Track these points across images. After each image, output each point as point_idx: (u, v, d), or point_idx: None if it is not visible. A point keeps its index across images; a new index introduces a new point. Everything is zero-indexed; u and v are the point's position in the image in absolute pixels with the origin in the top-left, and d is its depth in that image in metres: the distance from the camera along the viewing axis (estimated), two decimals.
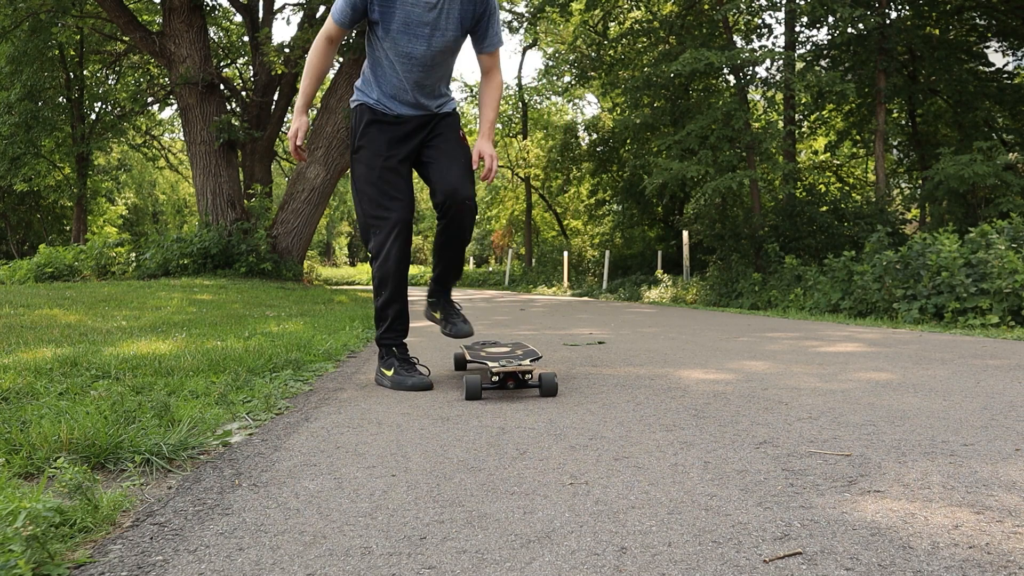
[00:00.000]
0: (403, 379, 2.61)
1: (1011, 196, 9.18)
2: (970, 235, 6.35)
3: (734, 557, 1.07)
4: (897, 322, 6.23)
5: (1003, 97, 12.56)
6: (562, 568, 1.05)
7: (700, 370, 3.09)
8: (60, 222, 25.02)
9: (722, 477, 1.48)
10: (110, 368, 2.60)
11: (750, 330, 5.37)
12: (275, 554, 1.11)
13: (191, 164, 13.35)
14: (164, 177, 32.44)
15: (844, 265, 7.70)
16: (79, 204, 18.94)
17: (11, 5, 13.14)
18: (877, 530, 1.17)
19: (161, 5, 13.38)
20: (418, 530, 1.21)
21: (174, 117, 23.07)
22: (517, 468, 1.57)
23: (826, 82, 10.14)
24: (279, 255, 12.54)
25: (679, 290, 11.91)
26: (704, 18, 13.84)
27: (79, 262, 12.19)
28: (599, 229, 23.51)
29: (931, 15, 12.75)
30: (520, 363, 2.51)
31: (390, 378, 2.64)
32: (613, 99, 17.97)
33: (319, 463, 1.63)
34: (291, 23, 74.47)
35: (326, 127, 12.90)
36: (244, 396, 2.35)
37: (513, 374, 2.51)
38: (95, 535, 1.20)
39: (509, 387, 2.53)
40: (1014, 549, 1.09)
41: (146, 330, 4.12)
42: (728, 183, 10.16)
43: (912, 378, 2.79)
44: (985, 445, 1.71)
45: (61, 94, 17.85)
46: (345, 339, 4.13)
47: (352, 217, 51.01)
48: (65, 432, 1.56)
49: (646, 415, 2.11)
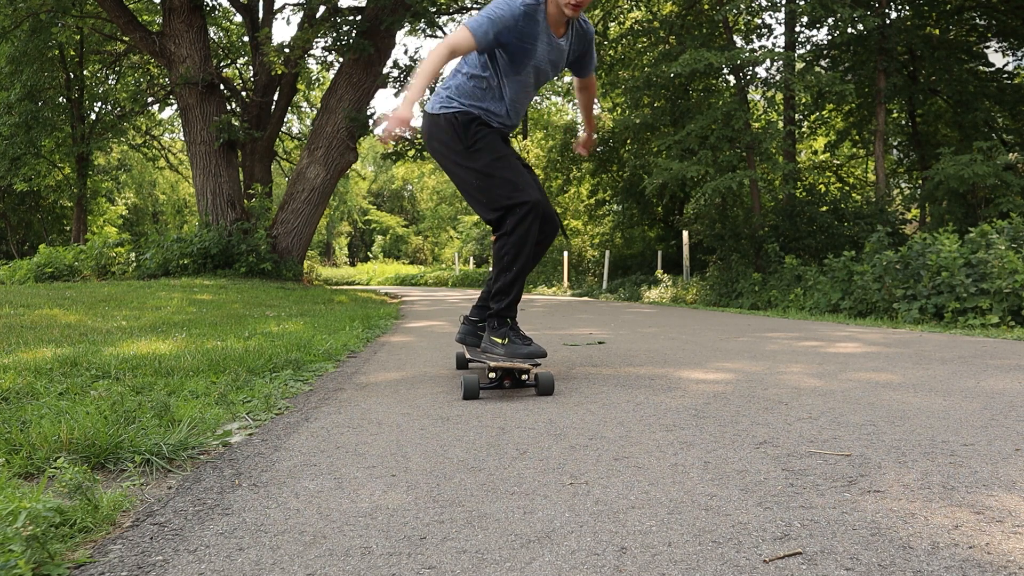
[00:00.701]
0: (519, 347, 2.64)
1: (1011, 196, 9.17)
2: (970, 235, 6.35)
3: (734, 557, 1.07)
4: (897, 322, 6.23)
5: (1003, 97, 12.55)
6: (562, 568, 1.05)
7: (700, 370, 3.09)
8: (60, 222, 25.02)
9: (722, 477, 1.48)
10: (110, 368, 2.60)
11: (750, 330, 5.37)
12: (275, 554, 1.11)
13: (191, 164, 13.35)
14: (164, 177, 32.43)
15: (844, 265, 7.69)
16: (79, 204, 18.95)
17: (11, 5, 13.15)
18: (877, 530, 1.17)
19: (161, 5, 13.39)
20: (418, 530, 1.21)
21: (174, 117, 23.09)
22: (517, 468, 1.57)
23: (826, 82, 10.14)
24: (279, 255, 12.54)
25: (679, 290, 11.91)
26: (704, 18, 13.84)
27: (79, 262, 12.20)
28: (599, 229, 23.51)
29: (931, 15, 12.75)
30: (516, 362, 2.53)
31: (505, 347, 2.65)
32: (613, 99, 17.97)
33: (319, 463, 1.63)
34: (291, 23, 74.51)
35: (326, 127, 12.90)
36: (244, 396, 2.35)
37: (511, 373, 2.54)
38: (95, 535, 1.20)
39: (506, 386, 2.55)
40: (1014, 549, 1.09)
41: (146, 330, 4.12)
42: (728, 183, 10.15)
43: (912, 378, 2.79)
44: (985, 445, 1.71)
45: (61, 94, 17.86)
46: (345, 339, 4.13)
47: (352, 217, 51.17)
48: (65, 432, 1.56)
49: (646, 415, 2.11)
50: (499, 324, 2.71)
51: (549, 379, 2.49)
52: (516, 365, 2.50)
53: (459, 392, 2.56)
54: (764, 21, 14.20)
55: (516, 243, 2.64)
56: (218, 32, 18.16)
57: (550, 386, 2.48)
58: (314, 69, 16.91)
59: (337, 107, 12.83)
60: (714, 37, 13.01)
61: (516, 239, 2.63)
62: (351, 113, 12.68)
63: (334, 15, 13.19)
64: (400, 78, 13.75)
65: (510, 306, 2.71)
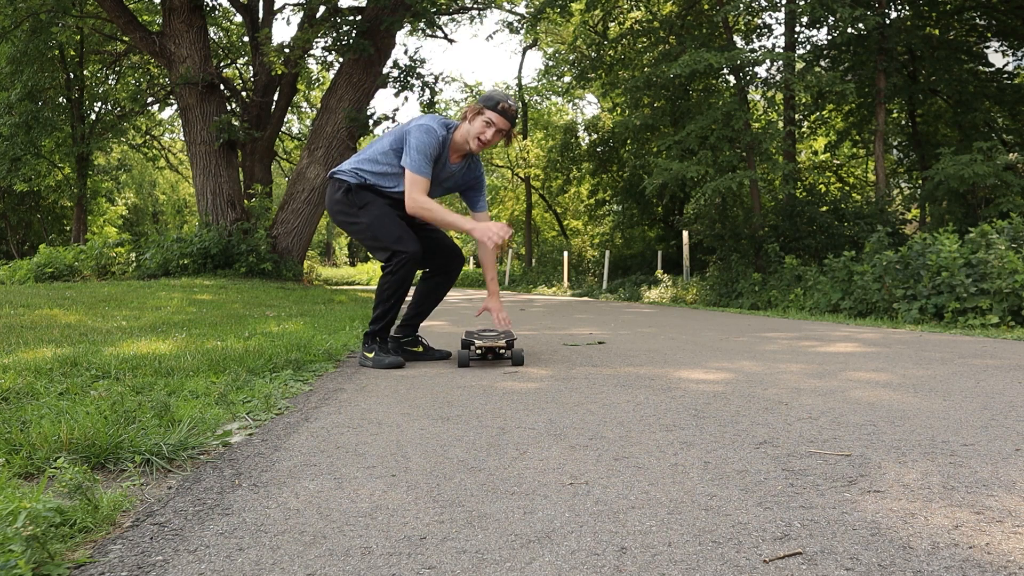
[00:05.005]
0: (382, 359, 3.23)
1: (1011, 196, 9.17)
2: (970, 235, 6.35)
3: (734, 557, 1.07)
4: (897, 322, 6.23)
5: (1003, 97, 12.56)
6: (562, 568, 1.05)
7: (700, 370, 3.09)
8: (60, 222, 25.01)
9: (722, 477, 1.48)
10: (110, 368, 2.60)
11: (750, 330, 5.37)
12: (275, 554, 1.11)
13: (191, 164, 13.35)
14: (164, 177, 32.43)
15: (844, 265, 7.69)
16: (79, 204, 18.94)
17: (11, 5, 13.13)
18: (877, 530, 1.17)
19: (161, 5, 13.38)
20: (418, 530, 1.21)
21: (174, 117, 23.08)
22: (517, 468, 1.57)
23: (826, 82, 10.14)
24: (279, 255, 12.54)
25: (679, 290, 11.91)
26: (704, 18, 13.84)
27: (79, 262, 12.19)
28: (599, 229, 23.52)
29: (931, 15, 12.75)
30: (496, 341, 3.25)
31: (372, 359, 3.26)
32: (613, 99, 17.96)
33: (319, 463, 1.63)
34: (291, 23, 74.43)
35: (326, 127, 12.90)
36: (244, 396, 2.35)
37: (492, 349, 3.26)
38: (95, 535, 1.20)
39: (489, 359, 3.29)
40: (1014, 549, 1.09)
41: (146, 330, 4.12)
42: (728, 183, 10.15)
43: (912, 378, 2.79)
44: (985, 445, 1.71)
45: (61, 94, 17.85)
46: (345, 339, 4.13)
47: None
48: (65, 432, 1.56)
49: (646, 415, 2.11)
50: (371, 342, 3.32)
51: (520, 353, 3.26)
52: (495, 344, 3.24)
53: (459, 392, 2.58)
54: (764, 21, 14.20)
55: (395, 282, 3.21)
56: (218, 32, 18.15)
57: (520, 358, 3.23)
58: (314, 69, 16.91)
59: (337, 107, 12.82)
60: (714, 37, 13.00)
61: (396, 279, 3.20)
62: (351, 113, 12.68)
63: (334, 15, 13.19)
64: (400, 78, 13.73)
65: (383, 329, 3.32)
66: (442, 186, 3.34)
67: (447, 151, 3.24)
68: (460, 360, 3.18)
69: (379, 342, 3.33)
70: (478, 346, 3.24)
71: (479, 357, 3.28)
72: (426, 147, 3.12)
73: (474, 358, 3.29)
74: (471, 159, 3.38)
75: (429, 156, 3.13)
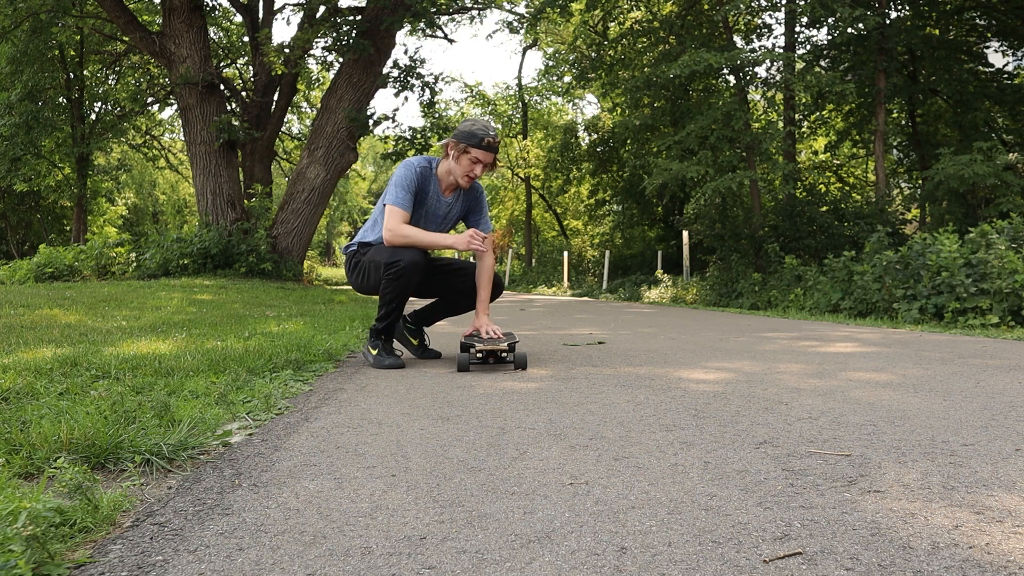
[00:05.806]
0: (383, 359, 3.25)
1: (1011, 196, 9.17)
2: (970, 235, 6.35)
3: (734, 557, 1.07)
4: (897, 322, 6.23)
5: (1003, 97, 12.55)
6: (562, 568, 1.05)
7: (700, 370, 3.09)
8: (60, 222, 24.99)
9: (722, 477, 1.48)
10: (110, 368, 2.60)
11: (750, 330, 5.37)
12: (275, 554, 1.11)
13: (191, 164, 13.35)
14: (164, 177, 32.40)
15: (844, 265, 7.69)
16: (79, 204, 18.94)
17: (11, 5, 13.13)
18: (877, 530, 1.17)
19: (161, 5, 13.38)
20: (418, 530, 1.21)
21: (174, 117, 23.06)
22: (517, 468, 1.57)
23: (826, 82, 10.14)
24: (279, 255, 12.54)
25: (679, 290, 11.91)
26: (704, 18, 13.83)
27: (79, 262, 12.19)
28: (599, 229, 23.53)
29: (931, 15, 12.74)
30: (498, 344, 3.11)
31: (375, 356, 3.30)
32: (613, 99, 17.96)
33: (319, 463, 1.63)
34: (291, 23, 74.40)
35: (326, 127, 12.90)
36: (244, 396, 2.35)
37: (493, 352, 3.12)
38: (95, 535, 1.20)
39: (490, 363, 3.14)
40: (1014, 549, 1.09)
41: (146, 330, 4.12)
42: (728, 183, 10.16)
43: (912, 378, 2.79)
44: (985, 445, 1.71)
45: (61, 94, 17.85)
46: (345, 339, 4.13)
47: (352, 216, 51.24)
48: (65, 432, 1.56)
49: (646, 415, 2.11)
50: (375, 338, 3.37)
51: (523, 356, 3.12)
52: (496, 347, 3.10)
53: (459, 392, 2.57)
54: (764, 21, 14.20)
55: (396, 288, 3.26)
56: (218, 32, 18.15)
57: (524, 361, 3.10)
58: (314, 69, 16.91)
59: (337, 107, 12.83)
60: (714, 37, 13.00)
61: (398, 285, 3.25)
62: (351, 113, 12.68)
63: (334, 15, 13.19)
64: (400, 78, 13.73)
65: (388, 327, 3.34)
66: (446, 219, 3.43)
67: (435, 185, 3.33)
68: (460, 364, 3.05)
69: (383, 340, 3.35)
70: (478, 349, 3.10)
71: (480, 361, 3.14)
72: (402, 179, 3.22)
73: (474, 362, 3.15)
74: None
75: (407, 188, 3.22)
